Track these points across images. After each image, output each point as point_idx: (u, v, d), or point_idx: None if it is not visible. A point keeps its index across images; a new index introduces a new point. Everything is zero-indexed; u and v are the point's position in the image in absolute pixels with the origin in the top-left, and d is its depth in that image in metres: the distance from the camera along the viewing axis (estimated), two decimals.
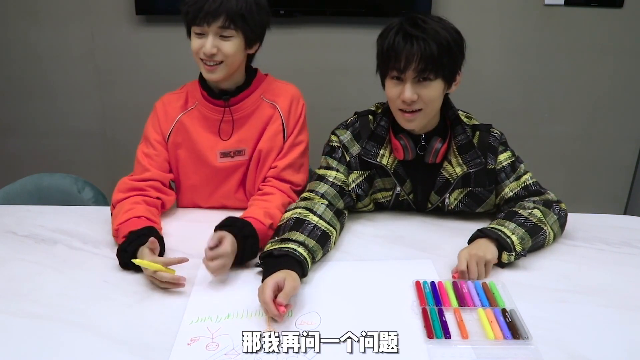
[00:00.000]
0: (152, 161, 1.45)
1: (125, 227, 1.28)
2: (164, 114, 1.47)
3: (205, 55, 1.33)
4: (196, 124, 1.46)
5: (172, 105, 1.48)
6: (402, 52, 1.20)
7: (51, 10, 2.47)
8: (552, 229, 1.31)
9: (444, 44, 1.21)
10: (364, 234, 1.39)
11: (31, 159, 2.75)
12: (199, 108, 1.46)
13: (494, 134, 1.38)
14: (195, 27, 1.33)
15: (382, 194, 1.44)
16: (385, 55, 1.24)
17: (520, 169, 1.39)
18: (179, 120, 1.46)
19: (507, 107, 2.60)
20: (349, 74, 2.53)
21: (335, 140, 1.41)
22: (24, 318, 1.06)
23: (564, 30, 2.47)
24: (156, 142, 1.46)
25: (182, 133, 1.46)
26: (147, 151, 1.46)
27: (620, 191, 2.77)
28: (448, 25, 1.25)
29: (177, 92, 1.50)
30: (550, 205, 1.34)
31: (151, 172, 1.44)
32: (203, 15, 1.29)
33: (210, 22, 1.30)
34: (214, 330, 1.02)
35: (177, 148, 1.47)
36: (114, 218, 1.34)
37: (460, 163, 1.35)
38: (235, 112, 1.44)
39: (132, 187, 1.41)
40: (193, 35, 1.35)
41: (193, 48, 1.36)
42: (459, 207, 1.42)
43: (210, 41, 1.32)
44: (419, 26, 1.21)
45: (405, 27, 1.22)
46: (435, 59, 1.20)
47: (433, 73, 1.22)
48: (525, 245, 1.24)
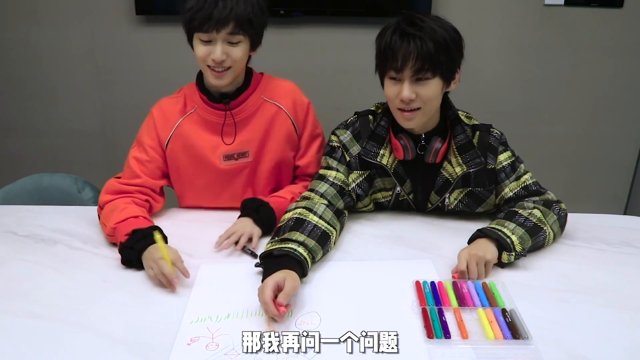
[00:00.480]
0: (143, 167, 1.43)
1: (125, 226, 1.27)
2: (163, 120, 1.44)
3: (214, 62, 1.31)
4: (197, 128, 1.44)
5: (170, 110, 1.45)
6: (399, 51, 1.20)
7: (51, 10, 2.47)
8: (552, 229, 1.31)
9: (441, 42, 1.21)
10: (364, 234, 1.39)
11: (31, 159, 2.76)
12: (199, 112, 1.44)
13: (494, 133, 1.38)
14: (201, 34, 1.30)
15: (382, 193, 1.44)
16: (383, 55, 1.24)
17: (520, 168, 1.39)
18: (179, 125, 1.43)
19: (507, 107, 2.60)
20: (349, 74, 2.53)
21: (335, 140, 1.41)
22: (24, 318, 1.06)
23: (564, 30, 2.47)
24: (150, 147, 1.44)
25: (183, 138, 1.44)
26: (139, 156, 1.44)
27: (620, 191, 2.77)
28: (446, 24, 1.25)
29: (175, 96, 1.48)
30: (550, 205, 1.34)
31: (142, 178, 1.42)
32: (213, 22, 1.26)
33: (220, 29, 1.28)
34: (213, 330, 1.02)
35: (179, 153, 1.45)
36: (106, 218, 1.33)
37: (460, 163, 1.35)
38: (237, 114, 1.43)
39: (120, 190, 1.40)
40: (198, 42, 1.32)
41: (199, 55, 1.33)
42: (459, 207, 1.42)
43: (219, 48, 1.30)
44: (416, 25, 1.21)
45: (402, 26, 1.22)
46: (433, 57, 1.20)
47: (430, 71, 1.22)
48: (525, 245, 1.24)
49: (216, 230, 1.36)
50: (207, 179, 1.48)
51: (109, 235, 1.32)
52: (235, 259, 1.29)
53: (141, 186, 1.41)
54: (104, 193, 1.40)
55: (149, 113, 1.47)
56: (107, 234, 1.33)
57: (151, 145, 1.44)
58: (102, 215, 1.36)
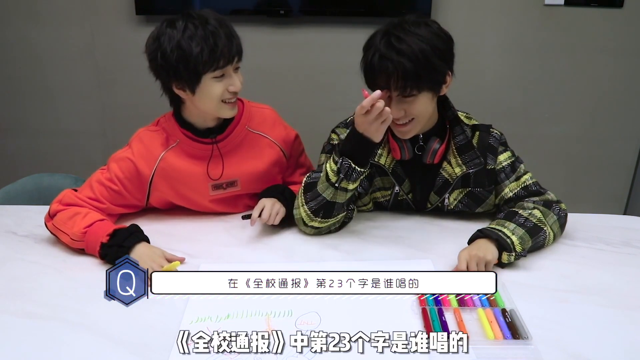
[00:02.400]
0: (107, 194, 1.36)
1: (97, 228, 1.25)
2: (145, 152, 1.38)
3: (233, 93, 1.30)
4: (181, 161, 1.39)
5: (152, 143, 1.38)
6: (380, 74, 1.20)
7: (51, 10, 2.47)
8: (552, 229, 1.31)
9: (420, 60, 1.17)
10: (364, 234, 1.39)
11: (31, 159, 2.76)
12: (182, 146, 1.39)
13: (493, 134, 1.38)
14: (216, 72, 1.26)
15: (382, 192, 1.44)
16: (367, 75, 1.25)
17: (520, 169, 1.39)
18: (162, 158, 1.38)
19: (507, 107, 2.60)
20: (348, 74, 2.51)
21: (335, 139, 1.41)
22: (24, 318, 1.06)
23: (564, 30, 2.47)
24: (118, 179, 1.36)
25: (168, 170, 1.38)
26: (105, 183, 1.37)
27: (620, 191, 2.77)
28: (429, 33, 1.20)
29: (153, 128, 1.41)
30: (550, 205, 1.34)
31: (105, 205, 1.36)
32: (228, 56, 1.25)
33: (233, 59, 1.27)
34: (213, 330, 1.02)
35: (165, 185, 1.40)
36: (65, 224, 1.28)
37: (459, 163, 1.35)
38: (223, 147, 1.40)
39: (76, 204, 1.34)
40: (211, 82, 1.27)
41: (217, 93, 1.28)
42: (459, 207, 1.42)
43: (236, 78, 1.29)
44: (393, 46, 1.18)
45: (380, 48, 1.20)
46: (414, 76, 1.18)
47: (415, 89, 1.21)
48: (525, 246, 1.24)
49: (216, 229, 1.36)
50: (195, 207, 1.46)
51: (74, 240, 1.27)
52: (235, 259, 1.28)
53: (100, 210, 1.36)
54: (57, 203, 1.34)
55: (127, 145, 1.41)
56: (71, 239, 1.27)
57: (120, 177, 1.37)
58: (57, 222, 1.30)
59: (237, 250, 1.32)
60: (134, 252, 1.22)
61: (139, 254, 1.21)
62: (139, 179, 1.38)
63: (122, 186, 1.37)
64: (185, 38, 1.23)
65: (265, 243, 1.35)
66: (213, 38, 1.23)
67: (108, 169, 1.39)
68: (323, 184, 1.28)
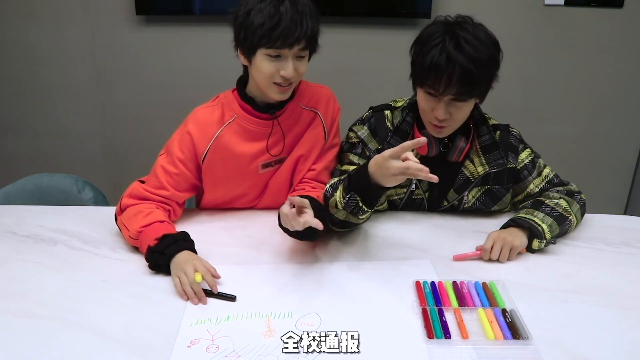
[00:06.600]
0: (171, 180, 1.38)
1: (153, 230, 1.25)
2: (200, 133, 1.37)
3: (284, 79, 1.27)
4: (236, 138, 1.38)
5: (207, 121, 1.38)
6: (443, 75, 1.18)
7: (51, 10, 2.47)
8: (576, 218, 1.37)
9: (485, 67, 1.19)
10: (363, 234, 1.39)
11: (31, 159, 2.76)
12: (239, 121, 1.37)
13: (513, 132, 1.42)
14: (271, 50, 1.24)
15: (397, 190, 1.44)
16: (426, 72, 1.22)
17: (539, 163, 1.44)
18: (218, 136, 1.37)
19: (507, 107, 2.59)
20: (348, 74, 2.53)
21: (354, 137, 1.42)
22: (24, 318, 1.06)
23: (564, 30, 2.47)
24: (179, 161, 1.37)
25: (222, 149, 1.38)
26: (167, 168, 1.38)
27: (620, 191, 2.77)
28: (488, 39, 1.23)
29: (210, 105, 1.41)
30: (572, 194, 1.41)
31: (169, 191, 1.37)
32: (290, 40, 1.22)
33: (293, 46, 1.23)
34: (213, 333, 1.02)
35: (216, 164, 1.39)
36: (129, 220, 1.30)
37: (482, 163, 1.37)
38: (283, 121, 1.39)
39: (145, 197, 1.36)
40: (264, 58, 1.25)
41: (266, 72, 1.26)
42: (476, 205, 1.44)
43: (291, 64, 1.26)
44: (462, 49, 1.18)
45: (448, 48, 1.18)
46: (474, 83, 1.19)
47: (468, 95, 1.22)
48: (553, 233, 1.30)
49: (216, 229, 1.35)
50: (243, 188, 1.45)
51: (131, 238, 1.29)
52: (235, 261, 1.28)
53: (166, 198, 1.38)
54: (127, 197, 1.36)
55: (183, 123, 1.40)
56: (129, 236, 1.29)
57: (181, 159, 1.37)
58: (124, 217, 1.33)
59: (237, 251, 1.31)
60: (174, 260, 1.20)
61: (177, 262, 1.19)
62: (193, 158, 1.39)
63: (184, 166, 1.38)
64: (256, 8, 1.23)
65: (265, 243, 1.35)
66: (278, 17, 1.22)
67: (166, 150, 1.40)
68: (333, 209, 1.27)
